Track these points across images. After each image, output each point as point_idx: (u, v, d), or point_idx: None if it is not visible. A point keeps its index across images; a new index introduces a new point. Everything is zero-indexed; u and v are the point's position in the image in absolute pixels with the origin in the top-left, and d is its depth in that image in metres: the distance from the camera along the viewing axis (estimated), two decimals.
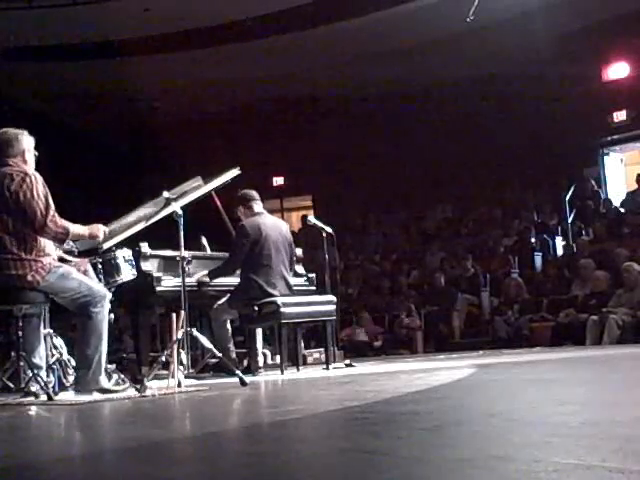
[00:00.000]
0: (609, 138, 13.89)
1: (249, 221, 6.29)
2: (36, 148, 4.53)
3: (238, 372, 4.86)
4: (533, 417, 2.47)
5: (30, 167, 4.43)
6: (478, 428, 2.31)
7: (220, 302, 6.22)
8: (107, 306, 4.43)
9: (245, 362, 6.39)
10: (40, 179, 4.33)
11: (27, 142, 4.47)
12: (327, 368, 6.30)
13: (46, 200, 4.27)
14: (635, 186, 12.61)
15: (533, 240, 12.27)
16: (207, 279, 6.15)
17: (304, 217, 11.44)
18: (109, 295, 4.51)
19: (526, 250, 12.02)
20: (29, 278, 4.27)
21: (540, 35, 12.53)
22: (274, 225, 6.42)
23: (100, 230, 4.60)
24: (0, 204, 4.27)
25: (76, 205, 4.70)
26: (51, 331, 4.93)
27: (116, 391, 4.45)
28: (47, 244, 4.42)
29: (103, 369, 4.41)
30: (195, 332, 4.91)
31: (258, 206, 6.40)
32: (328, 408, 3.30)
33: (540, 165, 13.60)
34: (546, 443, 1.89)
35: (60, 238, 4.43)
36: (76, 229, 4.44)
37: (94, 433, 3.03)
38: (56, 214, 4.31)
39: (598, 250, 10.86)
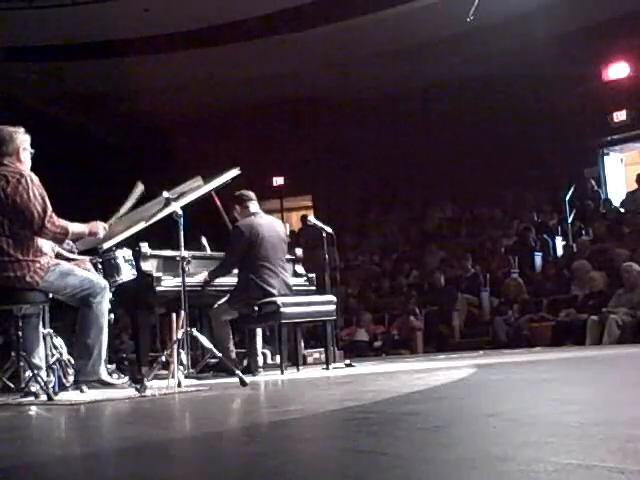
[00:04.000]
0: (609, 138, 13.88)
1: (244, 222, 6.28)
2: (36, 148, 4.47)
3: (238, 372, 4.86)
4: (533, 417, 2.46)
5: (25, 166, 4.37)
6: (478, 428, 2.30)
7: (220, 302, 6.22)
8: (107, 297, 4.44)
9: (245, 362, 6.40)
10: (36, 180, 4.28)
11: (22, 140, 4.38)
12: (327, 368, 6.30)
13: (43, 201, 4.24)
14: (635, 186, 12.61)
15: (533, 240, 12.26)
16: (207, 280, 6.17)
17: (304, 217, 11.45)
18: (108, 286, 4.52)
19: (526, 250, 12.01)
20: (28, 279, 4.26)
21: (540, 35, 12.54)
22: (270, 225, 6.41)
23: (100, 227, 4.59)
24: None
25: (75, 205, 4.69)
26: (51, 331, 4.94)
27: (115, 385, 4.45)
28: (44, 244, 4.41)
29: (103, 360, 4.41)
30: (195, 332, 4.91)
31: (254, 206, 6.40)
32: (328, 408, 3.30)
33: (540, 165, 13.59)
34: (546, 443, 1.88)
35: (59, 238, 4.42)
36: (75, 228, 4.43)
37: (94, 433, 3.03)
38: (54, 214, 4.28)
39: (598, 250, 10.85)
